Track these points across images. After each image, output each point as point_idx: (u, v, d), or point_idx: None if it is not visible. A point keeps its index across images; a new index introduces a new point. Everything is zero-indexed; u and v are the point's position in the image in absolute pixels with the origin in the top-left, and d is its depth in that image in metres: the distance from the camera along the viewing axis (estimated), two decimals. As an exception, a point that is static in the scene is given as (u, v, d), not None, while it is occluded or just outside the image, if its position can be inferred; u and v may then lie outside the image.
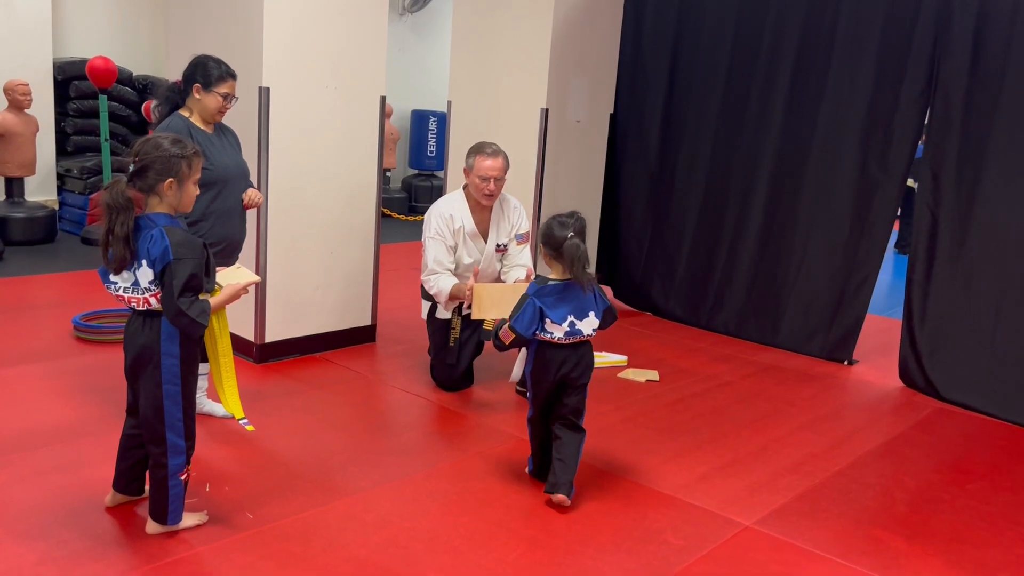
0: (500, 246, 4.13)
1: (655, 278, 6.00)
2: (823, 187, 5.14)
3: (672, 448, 3.67)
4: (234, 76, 3.39)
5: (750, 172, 5.45)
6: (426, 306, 4.22)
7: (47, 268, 6.21)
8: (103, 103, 7.07)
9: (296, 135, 4.29)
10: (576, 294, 3.00)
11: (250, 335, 4.37)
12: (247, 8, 4.12)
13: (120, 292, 2.48)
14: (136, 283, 2.44)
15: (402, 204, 10.28)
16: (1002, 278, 4.39)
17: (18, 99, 6.84)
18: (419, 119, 10.67)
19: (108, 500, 2.78)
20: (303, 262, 4.46)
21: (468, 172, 4.00)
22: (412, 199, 10.52)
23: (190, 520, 2.68)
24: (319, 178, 4.44)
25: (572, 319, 2.98)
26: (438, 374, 4.22)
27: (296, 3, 4.17)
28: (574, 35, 5.43)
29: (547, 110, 5.32)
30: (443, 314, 4.11)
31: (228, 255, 3.39)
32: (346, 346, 4.73)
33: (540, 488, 3.14)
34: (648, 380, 4.57)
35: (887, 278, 8.29)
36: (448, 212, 4.03)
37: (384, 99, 4.68)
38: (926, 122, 4.77)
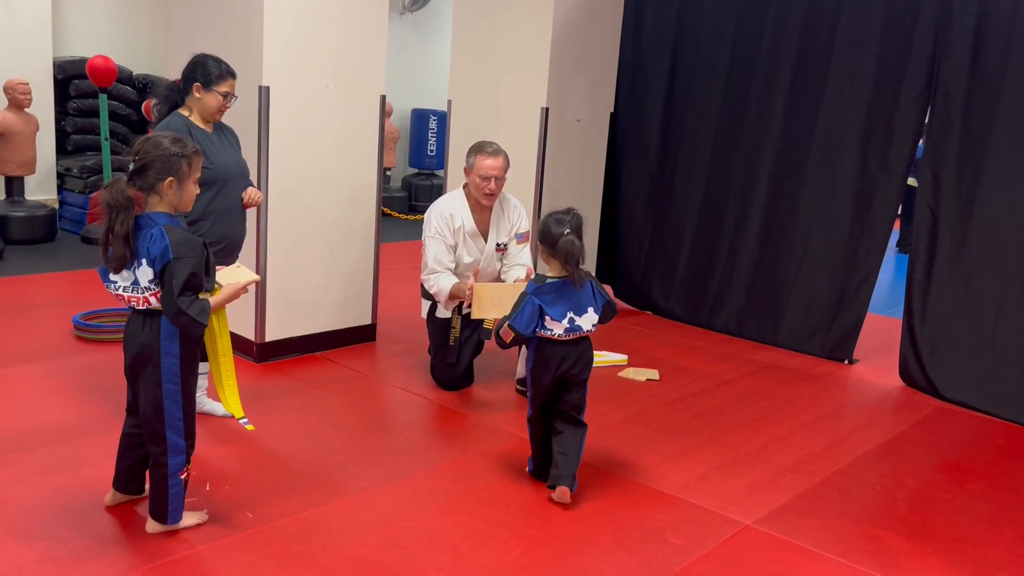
0: (500, 245, 4.13)
1: (655, 277, 6.00)
2: (823, 187, 5.14)
3: (672, 447, 3.67)
4: (234, 75, 3.40)
5: (750, 172, 5.45)
6: (426, 305, 4.22)
7: (47, 267, 6.21)
8: (103, 102, 7.06)
9: (296, 134, 4.29)
10: (574, 290, 3.00)
11: (250, 334, 4.37)
12: (247, 7, 4.12)
13: (120, 291, 2.48)
14: (136, 282, 2.44)
15: (402, 203, 10.27)
16: (1002, 278, 4.39)
17: (18, 98, 6.83)
18: (419, 118, 10.67)
19: (108, 499, 2.78)
20: (303, 261, 4.46)
21: (468, 171, 3.99)
22: (412, 198, 10.51)
23: (190, 519, 2.68)
24: (319, 177, 4.44)
25: (571, 315, 2.99)
26: (438, 373, 4.22)
27: (296, 2, 4.17)
28: (574, 34, 5.43)
29: (547, 109, 5.32)
30: (443, 313, 4.11)
31: (228, 254, 3.39)
32: (346, 345, 4.73)
33: (540, 488, 3.14)
34: (648, 379, 4.57)
35: (888, 277, 8.29)
36: (448, 211, 4.03)
37: (384, 98, 4.68)
38: (926, 122, 4.77)
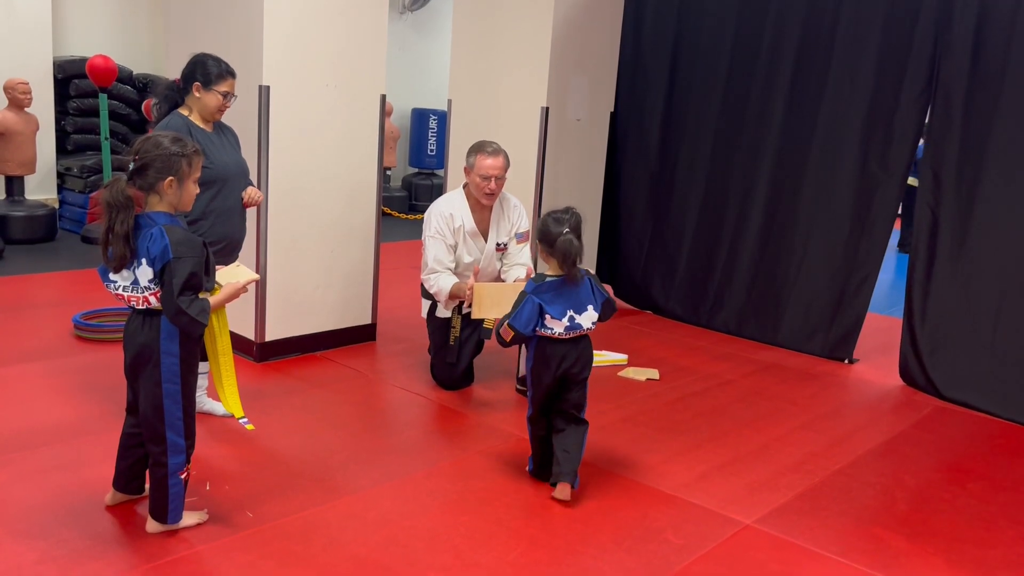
0: (500, 245, 4.13)
1: (655, 277, 6.00)
2: (823, 187, 5.14)
3: (672, 447, 3.67)
4: (234, 74, 3.39)
5: (750, 172, 5.45)
6: (426, 305, 4.22)
7: (47, 267, 6.21)
8: (103, 101, 7.06)
9: (296, 134, 4.29)
10: (574, 289, 3.00)
11: (250, 334, 4.37)
12: (247, 7, 4.12)
13: (120, 291, 2.48)
14: (136, 282, 2.44)
15: (402, 203, 10.27)
16: (1002, 278, 4.39)
17: (18, 98, 6.83)
18: (419, 118, 10.67)
19: (108, 499, 2.78)
20: (303, 261, 4.46)
21: (468, 171, 3.99)
22: (412, 198, 10.51)
23: (190, 519, 2.68)
24: (319, 177, 4.44)
25: (571, 313, 2.99)
26: (438, 373, 4.22)
27: (296, 2, 4.17)
28: (574, 34, 5.43)
29: (547, 109, 5.32)
30: (443, 313, 4.11)
31: (228, 254, 3.39)
32: (346, 345, 4.73)
33: (540, 487, 3.14)
34: (648, 379, 4.57)
35: (888, 277, 8.29)
36: (448, 211, 4.02)
37: (384, 98, 4.68)
38: (926, 122, 4.77)
